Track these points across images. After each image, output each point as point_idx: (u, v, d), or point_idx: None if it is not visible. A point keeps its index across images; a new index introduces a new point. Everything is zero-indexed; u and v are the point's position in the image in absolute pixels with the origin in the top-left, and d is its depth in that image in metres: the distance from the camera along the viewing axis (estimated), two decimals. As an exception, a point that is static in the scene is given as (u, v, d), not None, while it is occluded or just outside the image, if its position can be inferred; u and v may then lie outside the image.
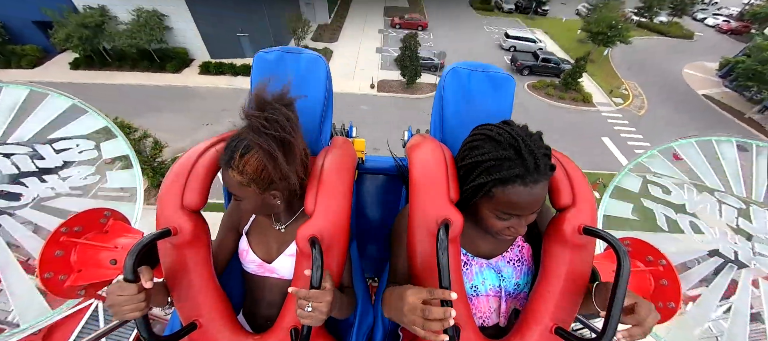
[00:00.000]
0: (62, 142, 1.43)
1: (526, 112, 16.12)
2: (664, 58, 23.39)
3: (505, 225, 0.81)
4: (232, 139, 0.87)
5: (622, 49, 21.88)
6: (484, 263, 0.97)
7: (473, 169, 0.81)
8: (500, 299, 0.98)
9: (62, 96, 1.44)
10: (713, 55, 23.11)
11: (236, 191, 0.88)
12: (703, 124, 16.33)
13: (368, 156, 1.57)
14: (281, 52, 1.26)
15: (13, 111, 1.33)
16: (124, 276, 0.72)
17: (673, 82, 20.52)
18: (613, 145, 14.16)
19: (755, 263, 1.28)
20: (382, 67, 19.22)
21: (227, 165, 0.85)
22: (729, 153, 1.40)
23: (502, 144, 0.76)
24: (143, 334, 0.72)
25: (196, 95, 15.65)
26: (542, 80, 18.78)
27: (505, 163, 0.74)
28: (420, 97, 16.80)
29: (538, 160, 0.73)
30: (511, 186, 0.74)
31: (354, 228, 1.23)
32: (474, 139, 0.85)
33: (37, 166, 1.37)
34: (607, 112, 16.81)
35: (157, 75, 16.61)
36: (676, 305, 0.97)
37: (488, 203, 0.80)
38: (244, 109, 0.87)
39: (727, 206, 1.35)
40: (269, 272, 1.05)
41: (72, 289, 0.96)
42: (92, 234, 1.02)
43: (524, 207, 0.76)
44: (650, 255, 1.07)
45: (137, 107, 13.14)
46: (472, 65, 1.25)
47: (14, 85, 1.34)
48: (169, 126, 12.76)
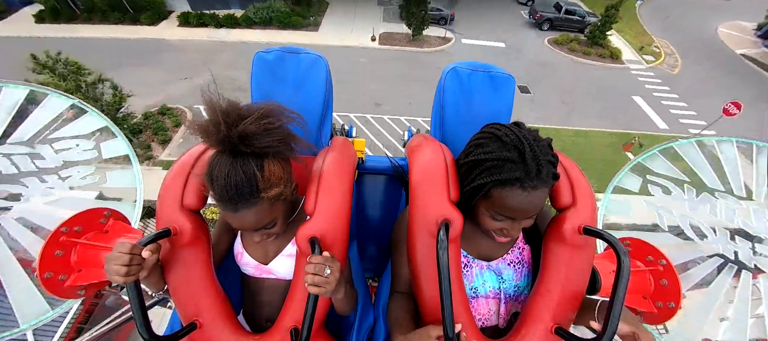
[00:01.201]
0: (62, 142, 1.43)
1: (547, 68, 15.00)
2: (697, 16, 21.73)
3: (498, 225, 0.81)
4: (224, 175, 0.70)
5: (652, 4, 20.33)
6: (484, 265, 0.97)
7: (475, 167, 0.81)
8: (499, 301, 0.98)
9: (62, 96, 1.44)
10: (750, 14, 21.15)
11: (268, 218, 0.79)
12: (740, 84, 15.15)
13: (368, 156, 1.57)
14: (281, 52, 1.26)
15: (13, 111, 1.32)
16: None
17: (707, 41, 19.15)
18: (647, 105, 13.29)
19: (755, 263, 1.27)
20: (384, 19, 17.50)
21: (251, 196, 0.72)
22: (729, 153, 1.40)
23: (507, 145, 0.75)
24: (143, 334, 0.72)
25: (172, 48, 14.39)
26: (565, 34, 17.23)
27: (506, 165, 0.73)
28: (428, 50, 15.26)
29: (541, 167, 0.71)
30: (508, 188, 0.73)
31: (354, 228, 1.23)
32: (481, 136, 0.84)
33: (37, 166, 1.37)
34: (638, 70, 15.69)
35: (129, 28, 15.22)
36: (676, 305, 0.97)
37: (485, 202, 0.81)
38: (222, 130, 0.70)
39: (727, 206, 1.35)
40: (266, 273, 1.05)
41: (72, 289, 0.96)
42: (92, 234, 1.02)
43: (519, 212, 0.75)
44: (650, 255, 1.07)
45: (106, 62, 11.46)
46: (472, 65, 1.25)
47: (14, 85, 1.35)
48: (141, 80, 11.68)
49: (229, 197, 0.71)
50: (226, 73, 12.84)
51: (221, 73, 12.89)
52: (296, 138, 0.84)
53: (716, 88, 14.87)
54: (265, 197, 0.74)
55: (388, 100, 11.96)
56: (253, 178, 0.72)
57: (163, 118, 10.34)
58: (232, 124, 0.70)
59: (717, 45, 18.87)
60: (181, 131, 10.09)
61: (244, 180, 0.71)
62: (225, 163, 0.71)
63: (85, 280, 0.97)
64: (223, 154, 0.73)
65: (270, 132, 0.74)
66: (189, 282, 0.88)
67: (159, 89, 11.49)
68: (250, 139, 0.71)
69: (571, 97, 3.65)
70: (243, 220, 0.76)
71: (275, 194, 0.76)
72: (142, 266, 0.73)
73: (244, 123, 0.71)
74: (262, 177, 0.73)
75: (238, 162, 0.71)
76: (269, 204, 0.77)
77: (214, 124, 0.70)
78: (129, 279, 0.69)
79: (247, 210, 0.74)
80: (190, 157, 0.93)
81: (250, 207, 0.74)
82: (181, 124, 10.31)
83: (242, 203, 0.73)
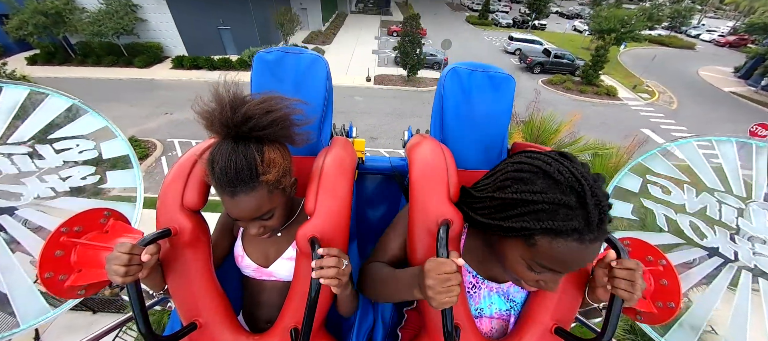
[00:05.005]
0: (62, 142, 1.42)
1: (547, 105, 14.52)
2: (675, 63, 23.38)
3: (535, 277, 0.70)
4: (225, 159, 0.73)
5: (631, 53, 21.52)
6: (494, 287, 0.94)
7: (516, 205, 0.66)
8: (507, 323, 0.94)
9: (62, 96, 1.44)
10: (720, 62, 23.15)
11: (267, 206, 0.80)
12: (742, 117, 15.58)
13: (368, 156, 1.57)
14: (281, 53, 1.26)
15: (13, 111, 1.32)
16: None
17: (694, 82, 20.30)
18: (658, 137, 13.59)
19: (755, 263, 1.27)
20: (379, 64, 18.36)
21: (251, 180, 0.74)
22: (729, 153, 1.40)
23: (562, 186, 0.62)
24: (143, 334, 0.72)
25: (160, 87, 14.51)
26: (558, 75, 18.17)
27: (561, 211, 0.61)
28: (423, 90, 15.75)
29: (604, 216, 0.60)
30: (563, 240, 0.61)
31: (354, 228, 1.23)
32: (521, 169, 0.69)
33: (37, 166, 1.36)
34: (637, 106, 16.27)
35: (122, 70, 15.14)
36: (676, 305, 0.97)
37: (523, 249, 0.67)
38: (225, 113, 0.74)
39: (727, 206, 1.35)
40: (267, 276, 1.05)
41: (72, 289, 0.96)
42: (92, 234, 1.02)
43: (570, 266, 0.63)
44: (650, 255, 1.07)
45: (88, 98, 11.67)
46: (472, 65, 1.25)
47: (14, 85, 1.34)
48: (119, 114, 11.68)
49: (229, 180, 0.73)
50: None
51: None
52: (296, 124, 0.86)
53: (721, 119, 15.29)
54: (264, 181, 0.75)
55: (385, 133, 12.38)
56: (253, 162, 0.74)
57: (128, 151, 10.22)
58: (237, 107, 0.74)
59: (705, 85, 20.00)
60: (145, 164, 9.67)
61: (244, 163, 0.73)
62: (226, 147, 0.74)
63: (85, 280, 0.97)
64: (225, 140, 0.76)
65: (271, 114, 0.76)
66: (189, 282, 0.88)
67: (135, 122, 11.46)
68: (252, 121, 0.74)
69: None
70: (241, 206, 0.76)
71: (274, 179, 0.77)
72: (142, 266, 0.73)
73: (247, 106, 0.75)
74: (262, 161, 0.75)
75: (239, 147, 0.74)
76: (268, 191, 0.78)
77: (220, 108, 0.74)
78: (128, 280, 0.70)
79: (245, 196, 0.75)
80: (190, 157, 0.93)
81: (248, 192, 0.75)
82: (148, 155, 10.04)
83: (241, 187, 0.74)
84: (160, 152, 10.43)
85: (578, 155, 4.24)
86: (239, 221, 0.84)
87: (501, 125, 1.23)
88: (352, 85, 15.70)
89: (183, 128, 11.51)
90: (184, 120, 11.89)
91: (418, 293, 0.72)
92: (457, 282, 0.64)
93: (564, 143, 4.42)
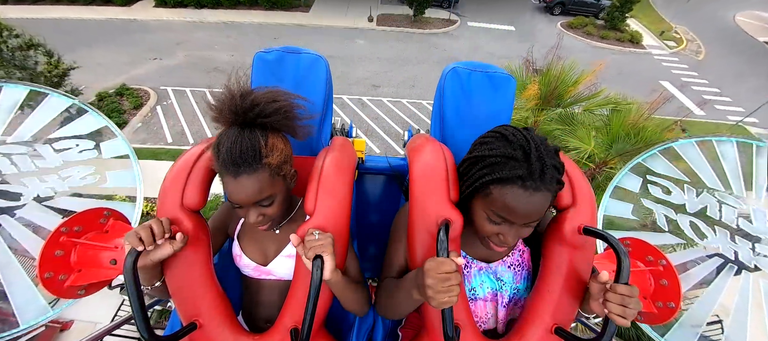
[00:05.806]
0: (62, 142, 1.43)
1: (562, 51, 13.05)
2: (712, 5, 20.71)
3: (494, 229, 0.78)
4: (231, 141, 0.78)
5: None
6: (483, 266, 0.97)
7: (476, 163, 0.79)
8: (497, 304, 0.97)
9: (62, 96, 1.44)
10: (763, 4, 20.10)
11: (268, 190, 0.83)
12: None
13: (368, 156, 1.57)
14: (281, 52, 1.27)
15: (13, 111, 1.33)
16: (124, 277, 0.72)
17: (727, 29, 18.32)
18: (677, 91, 12.38)
19: (755, 263, 1.28)
20: (382, 2, 16.05)
21: (254, 161, 0.78)
22: (729, 153, 1.40)
23: (513, 143, 0.73)
24: (143, 334, 0.72)
25: (144, 29, 13.19)
26: (580, 18, 16.06)
27: (509, 162, 0.71)
28: (431, 32, 14.05)
29: (545, 168, 0.69)
30: (509, 186, 0.70)
31: (354, 228, 1.24)
32: (487, 135, 0.83)
33: (37, 166, 1.37)
34: (661, 56, 14.80)
35: (99, 9, 13.75)
36: (676, 305, 0.97)
37: (483, 202, 0.78)
38: (235, 101, 0.81)
39: (727, 206, 1.35)
40: (266, 274, 1.05)
41: (72, 289, 0.96)
42: (92, 234, 1.02)
43: (518, 214, 0.71)
44: (650, 255, 1.07)
45: (66, 43, 9.84)
46: (472, 65, 1.25)
47: (14, 85, 1.35)
48: (103, 61, 10.54)
49: (233, 160, 0.77)
50: (200, 54, 11.76)
51: (195, 54, 11.68)
52: (299, 117, 0.91)
53: (747, 73, 13.95)
54: (266, 164, 0.80)
55: (388, 81, 11.05)
56: (257, 145, 0.79)
57: (120, 100, 9.14)
58: (245, 96, 0.81)
59: (738, 33, 18.00)
60: (140, 114, 8.91)
61: (248, 145, 0.78)
62: (233, 131, 0.80)
63: (85, 280, 0.97)
64: (232, 127, 0.82)
65: (276, 103, 0.83)
66: (189, 282, 0.88)
67: (122, 70, 10.35)
68: (258, 107, 0.81)
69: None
70: (243, 188, 0.79)
71: (276, 163, 0.82)
72: (165, 243, 0.78)
73: (254, 94, 0.83)
74: (266, 145, 0.80)
75: (245, 132, 0.80)
76: (269, 175, 0.82)
77: (230, 96, 0.81)
78: (141, 247, 0.72)
79: (247, 178, 0.79)
80: (190, 157, 0.93)
81: (251, 174, 0.79)
82: (142, 104, 9.12)
83: (245, 167, 0.78)
84: (155, 101, 9.50)
85: (596, 110, 3.85)
86: (240, 208, 0.85)
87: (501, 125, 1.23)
88: (353, 27, 13.85)
89: (174, 74, 10.41)
90: (175, 65, 10.79)
91: (418, 294, 0.74)
92: (457, 281, 0.66)
93: (582, 96, 4.04)
